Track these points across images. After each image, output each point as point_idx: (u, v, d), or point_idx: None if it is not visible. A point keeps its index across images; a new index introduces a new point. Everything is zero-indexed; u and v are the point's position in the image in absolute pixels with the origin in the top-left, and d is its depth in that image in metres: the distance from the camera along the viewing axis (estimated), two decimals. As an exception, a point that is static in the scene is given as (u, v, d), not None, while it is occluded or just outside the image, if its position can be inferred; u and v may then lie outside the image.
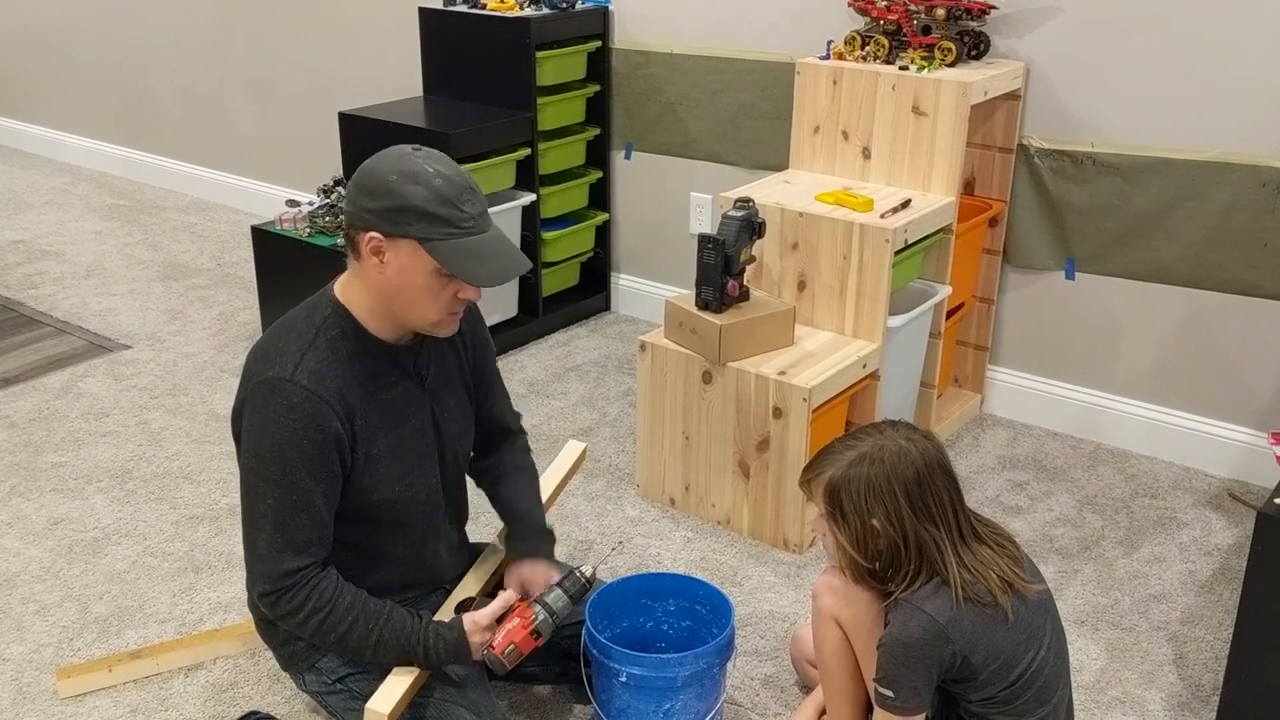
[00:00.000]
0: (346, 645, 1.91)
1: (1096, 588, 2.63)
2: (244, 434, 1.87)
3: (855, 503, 1.78)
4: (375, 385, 1.91)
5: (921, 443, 1.80)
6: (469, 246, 1.79)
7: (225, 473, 3.06)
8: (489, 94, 3.72)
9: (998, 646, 1.74)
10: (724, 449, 2.78)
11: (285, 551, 1.84)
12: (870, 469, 1.78)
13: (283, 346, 1.86)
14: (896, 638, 1.75)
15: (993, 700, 1.77)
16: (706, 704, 2.06)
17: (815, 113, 3.10)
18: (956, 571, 1.74)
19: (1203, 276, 2.98)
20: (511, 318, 3.85)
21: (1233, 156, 2.85)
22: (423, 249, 1.78)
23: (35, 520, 2.85)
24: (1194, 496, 2.99)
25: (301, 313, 1.91)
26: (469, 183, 1.81)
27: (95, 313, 4.07)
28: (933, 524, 1.76)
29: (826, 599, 1.93)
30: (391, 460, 1.94)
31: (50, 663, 2.37)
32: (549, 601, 2.00)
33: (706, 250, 2.70)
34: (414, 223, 1.76)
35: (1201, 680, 2.34)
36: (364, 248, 1.81)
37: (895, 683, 1.75)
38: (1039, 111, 3.09)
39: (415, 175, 1.76)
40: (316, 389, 1.82)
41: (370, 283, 1.85)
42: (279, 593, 1.86)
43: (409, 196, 1.75)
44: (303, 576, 1.85)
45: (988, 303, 3.30)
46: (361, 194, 1.79)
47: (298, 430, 1.81)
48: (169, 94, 5.32)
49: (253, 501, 1.86)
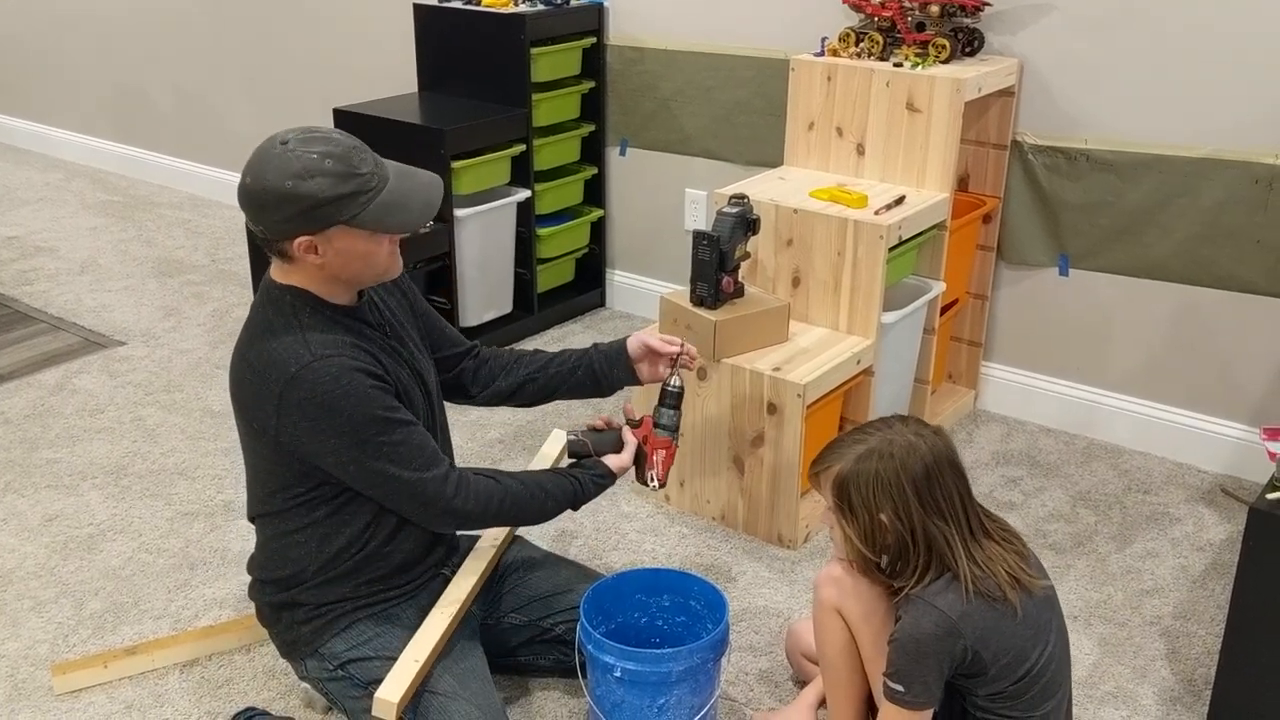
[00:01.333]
0: (527, 515, 2.07)
1: (1089, 583, 2.64)
2: (307, 436, 1.86)
3: (864, 497, 1.78)
4: (365, 343, 1.94)
5: (931, 438, 1.80)
6: (385, 201, 1.82)
7: (220, 469, 3.06)
8: (484, 90, 3.72)
9: (1008, 642, 1.74)
10: (719, 445, 2.79)
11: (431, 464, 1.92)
12: (879, 464, 1.78)
13: (280, 347, 1.86)
14: (909, 634, 1.75)
15: (1001, 695, 1.78)
16: (701, 699, 2.07)
17: (810, 109, 3.10)
18: (967, 567, 1.74)
19: (1196, 273, 2.99)
20: (506, 314, 3.85)
21: (1226, 153, 2.86)
22: (350, 227, 1.81)
23: (30, 516, 2.85)
24: (1187, 492, 3.00)
25: (265, 313, 1.91)
26: (349, 142, 1.82)
27: (90, 309, 4.07)
28: (941, 519, 1.76)
29: (829, 590, 1.93)
30: (407, 401, 1.97)
31: (45, 659, 2.37)
32: (666, 421, 2.23)
33: (701, 247, 2.70)
34: (331, 211, 1.79)
35: (1194, 675, 2.35)
36: (296, 251, 1.83)
37: (907, 678, 1.75)
38: (1033, 108, 3.09)
39: (308, 170, 1.77)
40: (339, 353, 1.86)
41: (311, 271, 1.88)
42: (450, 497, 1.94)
43: (314, 193, 1.77)
44: (458, 484, 1.95)
45: (981, 299, 3.31)
46: (264, 211, 1.80)
47: (354, 388, 1.84)
48: (163, 90, 5.31)
49: (377, 457, 1.87)
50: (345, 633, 2.02)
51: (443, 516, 1.96)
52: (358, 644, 2.01)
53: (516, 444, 3.20)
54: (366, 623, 2.03)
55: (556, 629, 2.21)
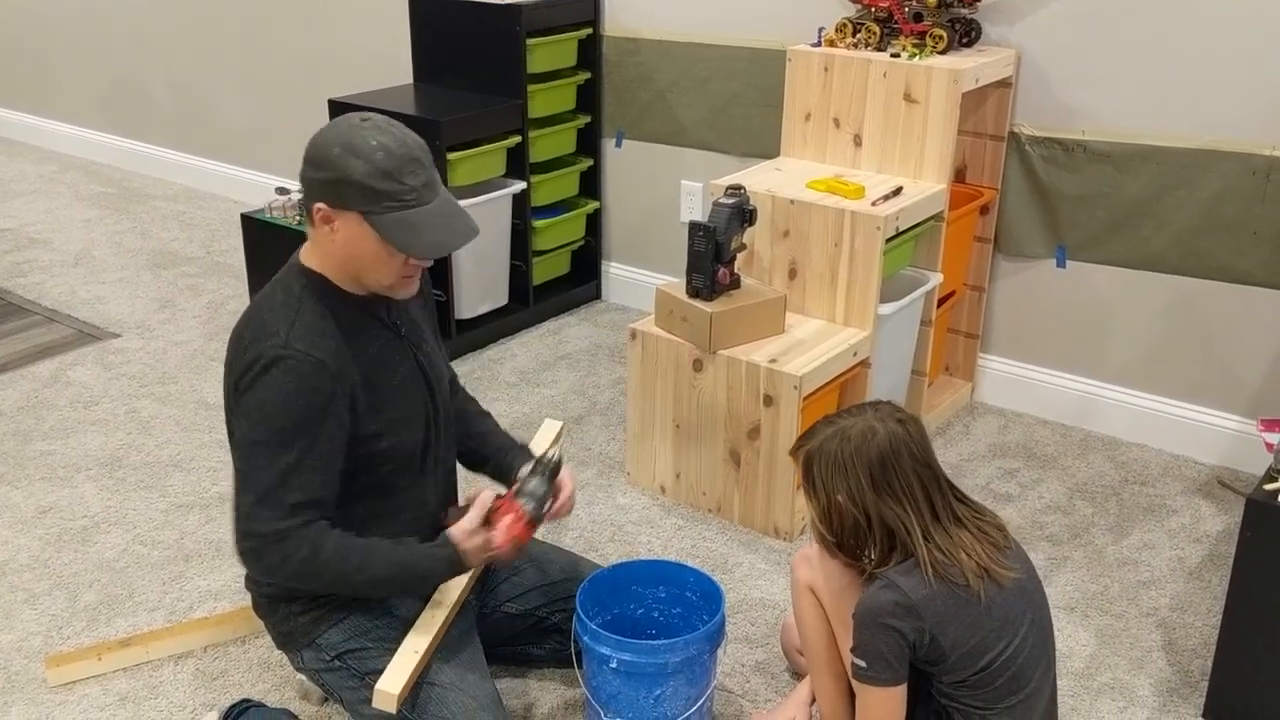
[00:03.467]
0: (337, 583, 1.91)
1: (1086, 574, 2.63)
2: (243, 409, 1.87)
3: (823, 477, 1.82)
4: (363, 339, 1.94)
5: (892, 424, 1.81)
6: (408, 219, 1.81)
7: (215, 461, 3.05)
8: (479, 81, 3.70)
9: (969, 631, 1.75)
10: (715, 437, 2.78)
11: (277, 510, 1.84)
12: (838, 445, 1.81)
13: (270, 320, 1.88)
14: (867, 606, 1.78)
15: (963, 684, 1.79)
16: (697, 690, 2.06)
17: (806, 100, 3.09)
18: (926, 552, 1.76)
19: (1193, 264, 2.98)
20: (502, 306, 3.84)
21: (1223, 144, 2.86)
22: (365, 222, 1.81)
23: (24, 509, 2.84)
24: (1184, 484, 2.99)
25: (277, 288, 1.94)
26: (413, 153, 1.82)
27: (84, 301, 4.06)
28: (898, 504, 1.78)
29: (802, 570, 2.01)
30: (390, 408, 1.96)
31: (39, 651, 2.36)
32: (530, 490, 2.02)
33: (697, 238, 2.69)
34: (354, 196, 1.79)
35: (1190, 666, 2.35)
36: (316, 217, 1.85)
37: (867, 652, 1.78)
38: (1030, 99, 3.09)
39: (357, 149, 1.78)
40: (313, 352, 1.85)
41: (326, 249, 1.89)
42: (261, 549, 1.85)
43: (349, 171, 1.78)
44: (288, 532, 1.85)
45: (979, 290, 3.30)
46: (309, 165, 1.84)
47: (296, 395, 1.83)
48: (158, 82, 5.29)
49: (246, 463, 1.86)
50: (342, 623, 2.01)
51: (245, 555, 1.88)
52: (354, 634, 2.01)
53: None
54: (363, 614, 2.02)
55: (553, 619, 2.21)
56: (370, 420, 1.93)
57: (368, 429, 1.92)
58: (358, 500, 1.97)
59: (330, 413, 1.86)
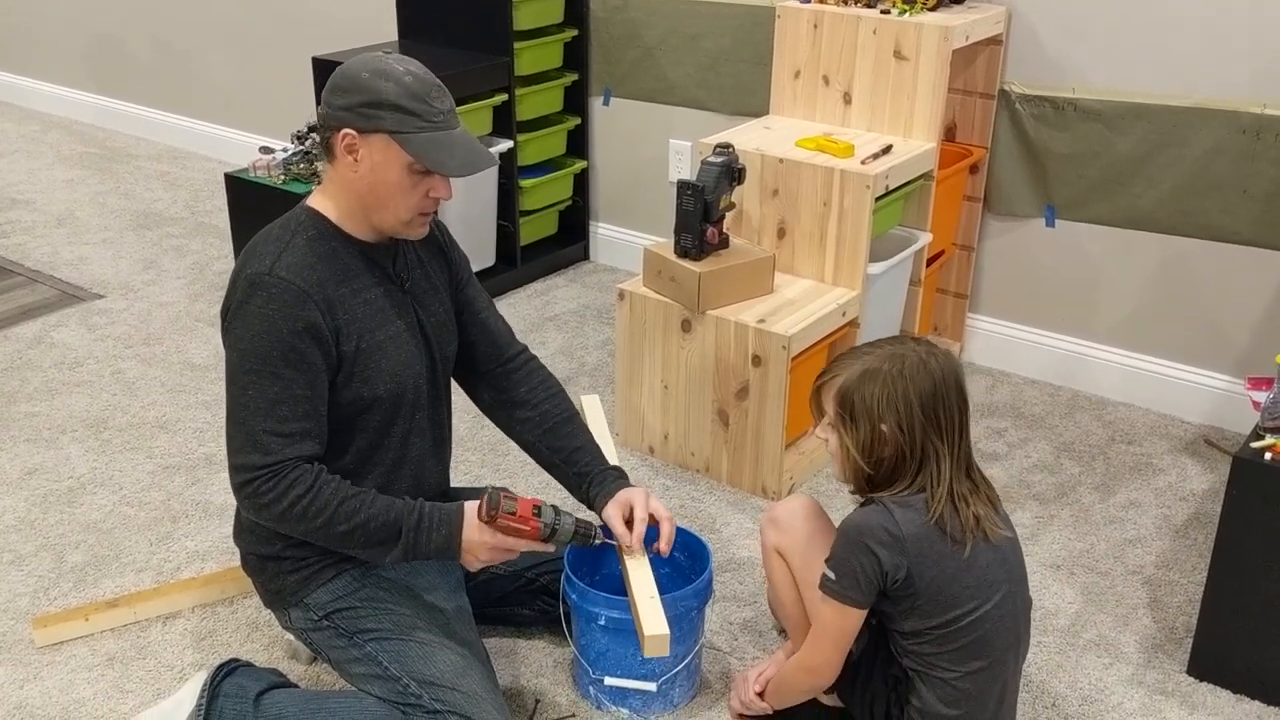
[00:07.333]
0: (325, 529, 1.85)
1: (1073, 533, 2.65)
2: (232, 339, 1.88)
3: (868, 406, 1.79)
4: (357, 283, 1.92)
5: (942, 357, 1.81)
6: (439, 140, 1.85)
7: (201, 422, 3.04)
8: (465, 39, 3.66)
9: (945, 580, 1.75)
10: (703, 397, 2.78)
11: (270, 439, 1.83)
12: (889, 373, 1.79)
13: (261, 249, 1.89)
14: (855, 524, 1.78)
15: (922, 637, 1.79)
16: (685, 647, 2.07)
17: (795, 57, 3.06)
18: (945, 489, 1.76)
19: (1182, 223, 2.97)
20: (489, 267, 3.82)
21: (1214, 103, 2.84)
22: (394, 142, 1.83)
23: (9, 470, 2.83)
24: (1170, 443, 3.00)
25: (276, 224, 1.95)
26: (438, 81, 1.88)
27: (67, 262, 4.02)
28: (939, 438, 1.78)
29: (769, 533, 2.03)
30: (380, 357, 1.94)
31: (26, 612, 2.36)
32: (553, 521, 1.91)
33: (685, 197, 2.67)
34: (386, 116, 1.82)
35: (1175, 623, 2.37)
36: (338, 146, 1.85)
37: (841, 566, 1.78)
38: (1020, 57, 3.06)
39: (386, 73, 1.83)
40: (295, 279, 1.84)
41: (344, 183, 1.89)
42: (258, 480, 1.82)
43: (380, 91, 1.81)
44: (284, 466, 1.83)
45: (968, 250, 3.29)
46: (335, 93, 1.85)
47: (278, 320, 1.83)
48: (140, 40, 5.22)
49: (236, 395, 1.86)
50: (331, 583, 2.01)
51: (241, 489, 1.85)
52: (343, 594, 2.00)
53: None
54: (352, 573, 2.02)
55: (541, 579, 2.22)
56: (353, 364, 1.91)
57: (349, 372, 1.91)
58: (344, 450, 1.96)
59: (315, 341, 1.85)
